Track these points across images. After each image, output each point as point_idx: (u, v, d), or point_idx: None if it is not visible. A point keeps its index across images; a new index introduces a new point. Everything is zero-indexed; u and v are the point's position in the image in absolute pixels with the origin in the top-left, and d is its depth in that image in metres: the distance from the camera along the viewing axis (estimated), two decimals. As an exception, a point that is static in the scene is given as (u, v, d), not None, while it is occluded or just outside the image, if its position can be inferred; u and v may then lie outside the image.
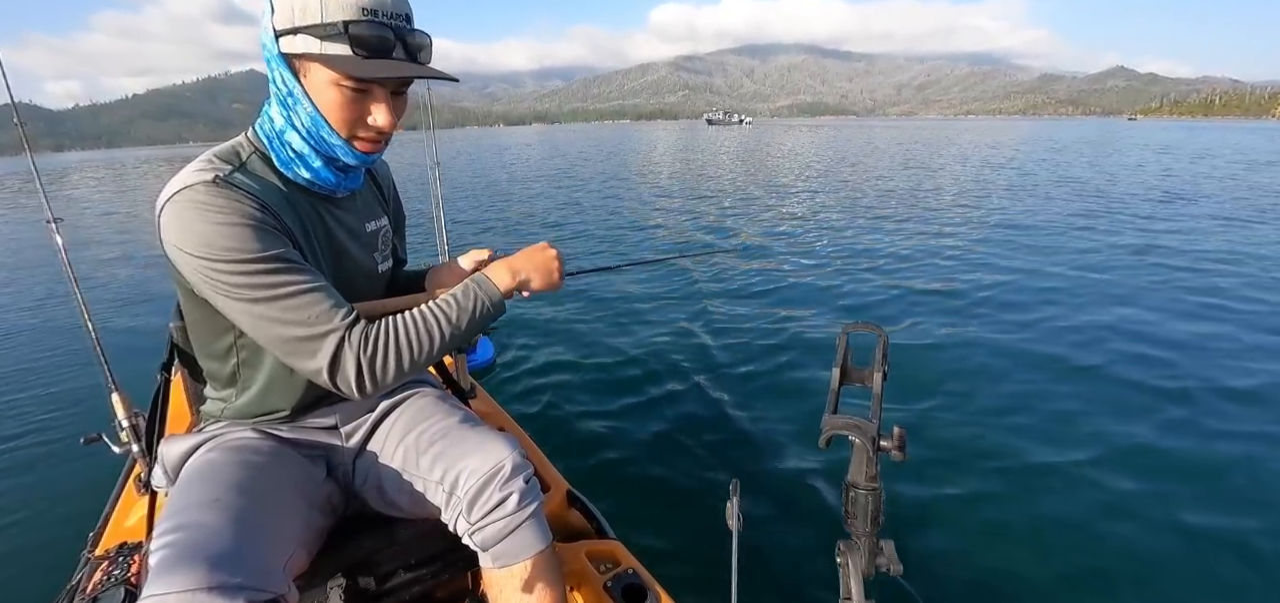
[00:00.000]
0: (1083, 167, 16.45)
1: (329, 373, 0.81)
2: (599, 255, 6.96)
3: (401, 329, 0.85)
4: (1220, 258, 5.81)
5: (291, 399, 0.99)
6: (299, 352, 0.81)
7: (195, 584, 0.68)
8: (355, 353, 0.81)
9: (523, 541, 0.92)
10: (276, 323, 0.79)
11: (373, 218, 1.06)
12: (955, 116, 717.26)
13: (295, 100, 0.83)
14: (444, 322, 0.88)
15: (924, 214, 8.86)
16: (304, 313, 0.79)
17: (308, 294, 0.80)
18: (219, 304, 0.81)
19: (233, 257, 0.76)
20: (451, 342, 0.88)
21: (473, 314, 0.90)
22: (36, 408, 3.27)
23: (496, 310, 0.94)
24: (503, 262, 0.98)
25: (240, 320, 0.81)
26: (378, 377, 0.83)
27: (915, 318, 4.29)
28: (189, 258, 0.77)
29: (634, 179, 15.72)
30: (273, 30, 0.79)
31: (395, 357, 0.83)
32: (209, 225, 0.76)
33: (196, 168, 0.80)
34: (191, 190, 0.77)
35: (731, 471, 2.44)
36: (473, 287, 0.92)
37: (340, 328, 0.81)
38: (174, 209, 0.77)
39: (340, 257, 0.96)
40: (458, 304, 0.90)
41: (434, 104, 3.56)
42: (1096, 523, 2.11)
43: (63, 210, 6.04)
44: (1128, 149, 23.14)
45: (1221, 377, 3.16)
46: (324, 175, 0.91)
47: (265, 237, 0.78)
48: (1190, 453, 2.49)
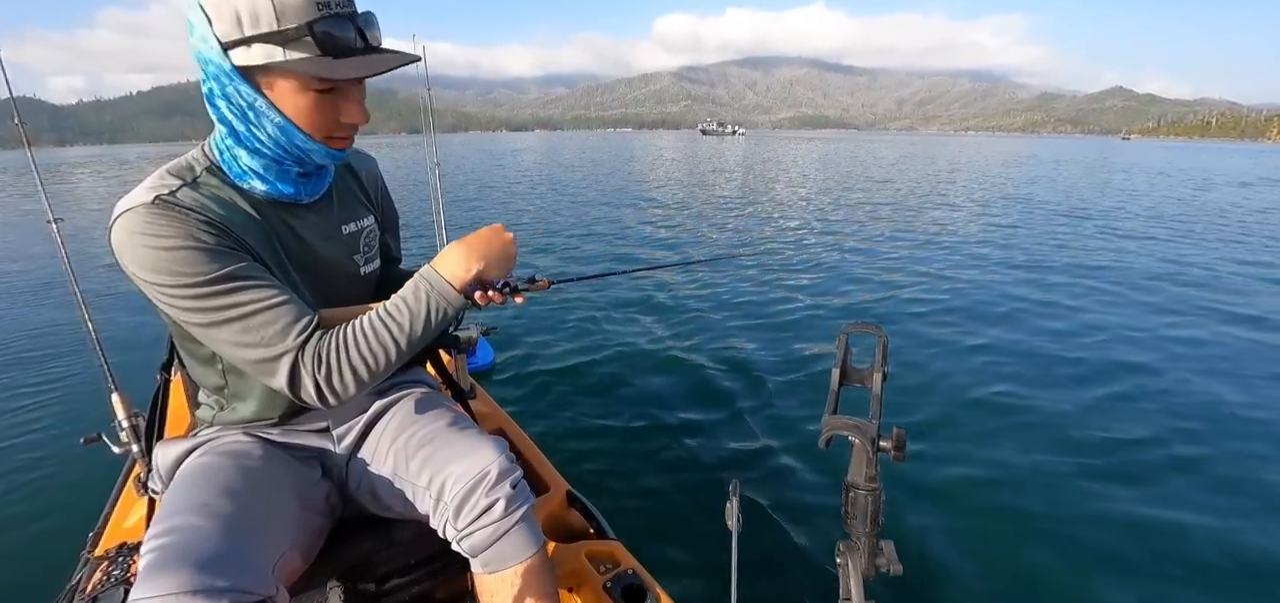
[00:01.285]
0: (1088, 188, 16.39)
1: (290, 392, 0.80)
2: (596, 261, 6.96)
3: (351, 341, 0.80)
4: (1225, 275, 5.81)
5: (278, 408, 0.98)
6: (261, 372, 0.80)
7: (181, 587, 0.68)
8: (309, 372, 0.78)
9: (512, 545, 0.90)
10: (233, 345, 0.78)
11: (353, 219, 1.01)
12: (955, 133, 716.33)
13: (258, 114, 0.78)
14: (394, 328, 0.82)
15: (925, 218, 8.85)
16: (257, 334, 0.77)
17: (261, 313, 0.77)
18: (183, 324, 0.80)
19: (179, 281, 0.74)
20: (408, 346, 0.83)
21: (426, 317, 0.83)
22: (36, 408, 3.27)
23: (453, 308, 0.84)
24: (456, 246, 0.87)
25: (204, 341, 0.81)
26: (338, 391, 0.80)
27: (916, 319, 4.29)
28: (141, 281, 0.76)
29: (635, 185, 15.71)
30: (216, 43, 0.73)
31: (350, 370, 0.79)
32: (150, 250, 0.73)
33: (143, 187, 0.77)
34: (133, 213, 0.74)
35: (731, 471, 2.44)
36: (422, 284, 0.84)
37: (293, 348, 0.78)
38: (119, 231, 0.75)
39: (314, 263, 0.93)
40: (407, 307, 0.83)
41: (436, 107, 3.56)
42: (1097, 524, 2.10)
43: (65, 208, 5.95)
44: (1114, 170, 22.94)
45: (1227, 383, 3.15)
46: (280, 187, 0.86)
47: (212, 258, 0.75)
48: (1192, 454, 2.49)
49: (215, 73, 0.76)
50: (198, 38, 0.75)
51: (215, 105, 0.80)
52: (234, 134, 0.81)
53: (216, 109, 0.80)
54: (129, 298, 5.77)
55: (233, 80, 0.76)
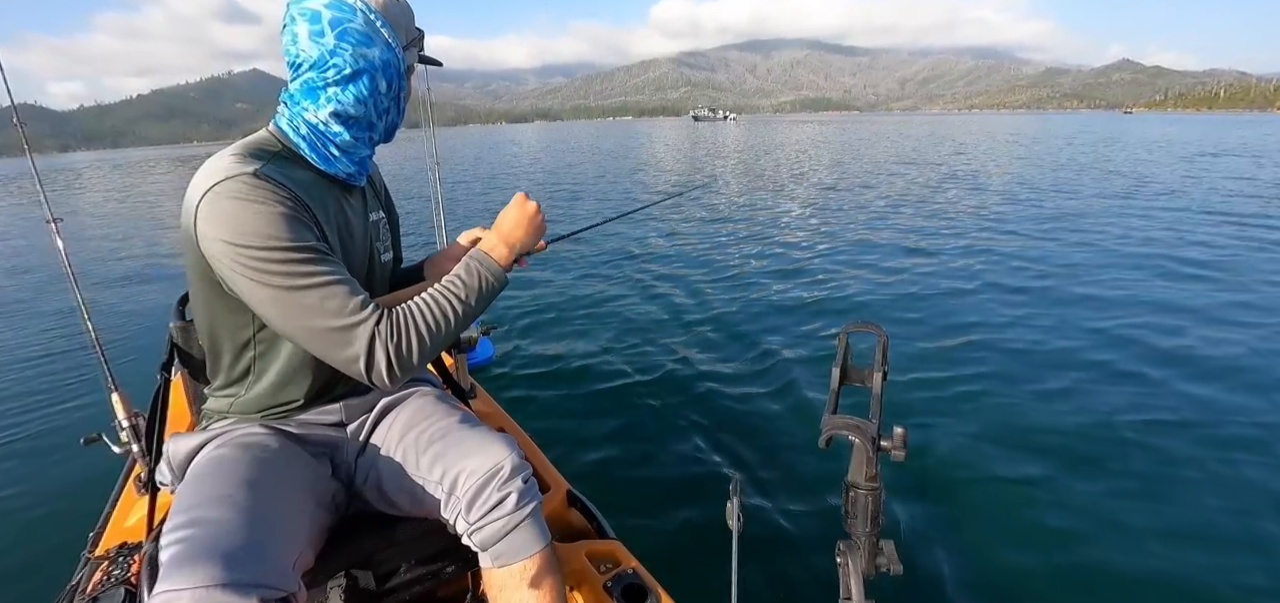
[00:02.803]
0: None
1: (364, 363, 0.83)
2: (595, 253, 6.96)
3: (418, 314, 0.88)
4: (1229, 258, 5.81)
5: (305, 388, 1.00)
6: (332, 342, 0.83)
7: (210, 580, 0.68)
8: (384, 343, 0.83)
9: (522, 540, 0.92)
10: (311, 312, 0.81)
11: (375, 209, 1.10)
12: (958, 112, 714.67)
13: (404, 100, 1.00)
14: (455, 301, 0.91)
15: (925, 212, 8.85)
16: (335, 303, 0.82)
17: (338, 286, 0.83)
18: (248, 293, 0.82)
19: (272, 244, 0.79)
20: (464, 319, 0.92)
21: (480, 290, 0.94)
22: (36, 408, 3.27)
23: (500, 283, 0.97)
24: (494, 232, 1.01)
25: (268, 309, 0.83)
26: (405, 362, 0.85)
27: (917, 318, 4.29)
28: (226, 247, 0.79)
29: (630, 172, 15.73)
30: (392, 44, 0.93)
31: (417, 341, 0.86)
32: (250, 215, 0.79)
33: (232, 161, 0.83)
34: (233, 181, 0.80)
35: (732, 470, 2.44)
36: (474, 263, 0.95)
37: (370, 318, 0.83)
38: (213, 199, 0.80)
39: (355, 247, 1.00)
40: (463, 283, 0.93)
41: (435, 101, 3.55)
42: (1097, 526, 2.10)
43: (70, 211, 5.89)
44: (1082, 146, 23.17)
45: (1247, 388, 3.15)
46: (356, 168, 0.99)
47: (299, 228, 0.82)
48: (1193, 458, 2.48)
49: (394, 71, 0.95)
50: (386, 39, 0.92)
51: (369, 91, 0.93)
52: (359, 122, 0.95)
53: (353, 90, 0.92)
54: (130, 298, 5.78)
55: (402, 77, 0.97)
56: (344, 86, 0.92)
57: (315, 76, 0.91)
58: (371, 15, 0.91)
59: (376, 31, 0.91)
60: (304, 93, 0.92)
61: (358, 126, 0.95)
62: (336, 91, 0.92)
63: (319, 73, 0.90)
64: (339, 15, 0.89)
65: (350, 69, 0.91)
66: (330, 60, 0.89)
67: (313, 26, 0.88)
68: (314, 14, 0.88)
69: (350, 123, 0.94)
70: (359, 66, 0.91)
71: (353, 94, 0.92)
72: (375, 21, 0.91)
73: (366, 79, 0.92)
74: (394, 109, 1.00)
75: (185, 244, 0.86)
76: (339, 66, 0.90)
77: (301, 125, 0.93)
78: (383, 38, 0.92)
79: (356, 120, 0.94)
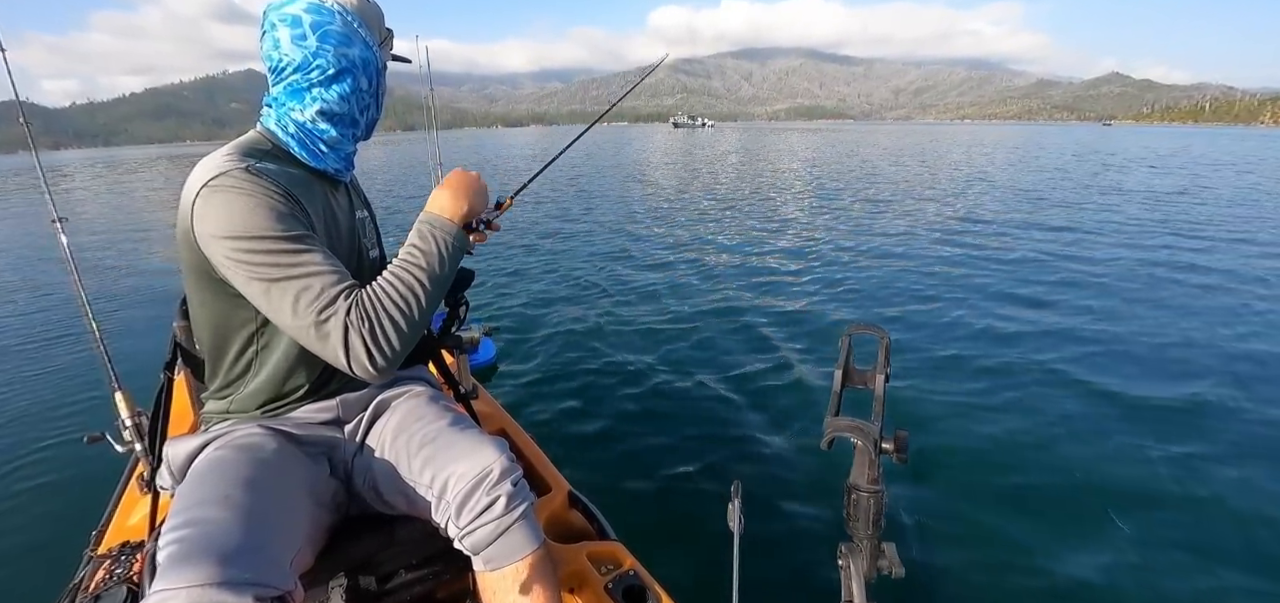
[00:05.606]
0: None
1: (343, 354, 0.82)
2: (593, 240, 6.95)
3: (384, 293, 0.85)
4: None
5: (301, 382, 1.01)
6: (313, 334, 0.82)
7: (204, 579, 0.69)
8: (357, 329, 0.82)
9: (513, 543, 0.92)
10: (293, 304, 0.81)
11: (361, 207, 1.13)
12: (950, 121, 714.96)
13: (382, 97, 1.03)
14: (417, 269, 0.88)
15: (926, 217, 8.85)
16: (311, 296, 0.82)
17: (316, 278, 0.83)
18: (245, 286, 0.83)
19: (260, 234, 0.81)
20: (433, 287, 0.89)
21: (439, 253, 0.90)
22: (39, 407, 3.27)
23: (458, 242, 0.93)
24: (438, 191, 0.98)
25: (262, 302, 0.84)
26: (383, 346, 0.83)
27: (918, 319, 4.29)
28: (221, 241, 0.81)
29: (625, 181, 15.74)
30: (370, 43, 0.97)
31: (390, 321, 0.84)
32: (244, 208, 0.81)
33: (225, 158, 0.86)
34: (227, 176, 0.83)
35: (733, 472, 2.44)
36: (425, 227, 0.92)
37: (341, 308, 0.82)
38: (208, 195, 0.82)
39: (342, 243, 1.01)
40: (420, 249, 0.90)
41: (432, 104, 3.54)
42: (1097, 526, 2.11)
43: (64, 210, 5.93)
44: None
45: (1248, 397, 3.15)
46: (350, 162, 1.05)
47: (288, 220, 0.84)
48: (1195, 458, 2.49)
49: (373, 69, 0.99)
50: (362, 38, 0.96)
51: (349, 89, 0.97)
52: (342, 117, 0.98)
53: (337, 89, 0.96)
54: (132, 297, 5.78)
55: (379, 74, 1.01)
56: (328, 86, 0.95)
57: (300, 78, 0.94)
58: (349, 17, 0.95)
59: (355, 32, 0.96)
60: (289, 94, 0.95)
61: (343, 123, 0.99)
62: (321, 91, 0.95)
63: (303, 74, 0.94)
64: (319, 18, 0.92)
65: (333, 69, 0.94)
66: (314, 62, 0.93)
67: (294, 30, 0.92)
68: (295, 18, 0.92)
69: (336, 120, 0.98)
70: (341, 66, 0.95)
71: (337, 93, 0.96)
72: (353, 22, 0.95)
73: (349, 78, 0.96)
74: (374, 105, 1.04)
75: (182, 243, 0.87)
76: (322, 67, 0.94)
77: (290, 125, 0.96)
78: (361, 37, 0.96)
79: (341, 117, 0.98)
